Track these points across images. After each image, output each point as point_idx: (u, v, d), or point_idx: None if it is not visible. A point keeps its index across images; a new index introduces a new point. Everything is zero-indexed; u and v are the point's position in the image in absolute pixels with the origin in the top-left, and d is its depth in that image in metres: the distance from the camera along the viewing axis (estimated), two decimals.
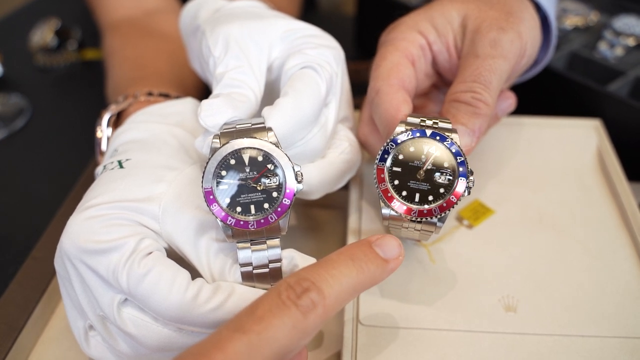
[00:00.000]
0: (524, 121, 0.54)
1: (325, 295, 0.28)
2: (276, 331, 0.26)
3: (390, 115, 0.40)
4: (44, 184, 0.61)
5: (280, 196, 0.34)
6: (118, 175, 0.38)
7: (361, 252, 0.31)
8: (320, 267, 0.29)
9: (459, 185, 0.36)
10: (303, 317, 0.27)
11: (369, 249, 0.31)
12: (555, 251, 0.43)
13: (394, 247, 0.32)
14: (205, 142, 0.37)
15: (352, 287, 0.29)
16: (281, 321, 0.26)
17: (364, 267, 0.30)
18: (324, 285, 0.28)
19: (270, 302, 0.27)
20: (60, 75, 0.78)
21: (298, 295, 0.27)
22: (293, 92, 0.37)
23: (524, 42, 0.43)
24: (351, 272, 0.29)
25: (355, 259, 0.30)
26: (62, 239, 0.35)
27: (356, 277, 0.30)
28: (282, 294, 0.28)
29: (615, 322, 0.38)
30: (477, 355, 0.37)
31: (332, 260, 0.30)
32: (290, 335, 0.26)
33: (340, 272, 0.29)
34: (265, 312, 0.27)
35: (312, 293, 0.28)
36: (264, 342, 0.26)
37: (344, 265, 0.30)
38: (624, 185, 0.47)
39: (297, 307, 0.27)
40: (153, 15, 0.67)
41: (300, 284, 0.28)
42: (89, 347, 0.37)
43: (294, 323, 0.27)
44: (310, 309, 0.27)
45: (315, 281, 0.28)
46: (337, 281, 0.29)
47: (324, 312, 0.28)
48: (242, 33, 0.40)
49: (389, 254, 0.32)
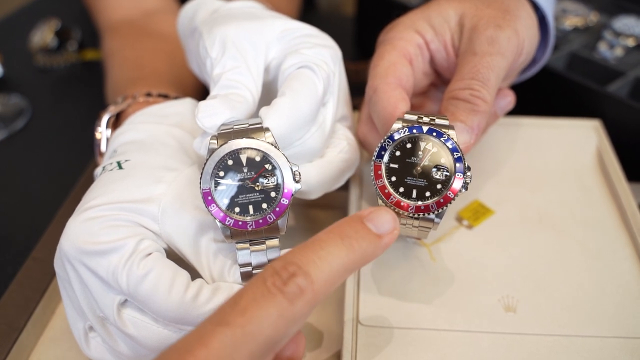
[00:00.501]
0: (524, 122, 0.54)
1: (313, 280, 0.26)
2: (261, 322, 0.25)
3: (388, 113, 0.40)
4: (44, 184, 0.61)
5: (278, 196, 0.34)
6: (117, 176, 0.38)
7: (351, 229, 0.29)
8: (307, 249, 0.27)
9: (455, 181, 0.36)
10: (290, 305, 0.25)
11: (360, 225, 0.29)
12: (555, 251, 0.43)
13: (387, 220, 0.30)
14: (203, 143, 0.37)
15: (343, 268, 0.28)
16: (266, 311, 0.25)
17: (354, 245, 0.28)
18: (312, 269, 0.26)
19: (255, 290, 0.26)
20: (60, 75, 0.78)
21: (284, 282, 0.26)
22: (290, 92, 0.37)
23: (521, 39, 0.43)
24: (341, 252, 0.27)
25: (345, 237, 0.28)
26: (62, 241, 0.35)
27: (346, 257, 0.28)
28: (267, 281, 0.26)
29: (615, 322, 0.38)
30: (476, 355, 0.37)
31: (320, 240, 0.28)
32: (276, 325, 0.25)
33: (329, 252, 0.27)
34: (249, 302, 0.25)
35: (298, 278, 0.26)
36: (248, 335, 0.24)
37: (333, 244, 0.28)
38: (624, 185, 0.47)
39: (283, 294, 0.25)
40: (152, 16, 0.67)
41: (286, 269, 0.26)
42: (89, 348, 0.37)
43: (280, 312, 0.25)
44: (298, 296, 0.26)
45: (302, 265, 0.26)
46: (326, 263, 0.27)
47: (312, 297, 0.26)
48: (239, 34, 0.40)
49: (382, 228, 0.29)
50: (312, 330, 0.42)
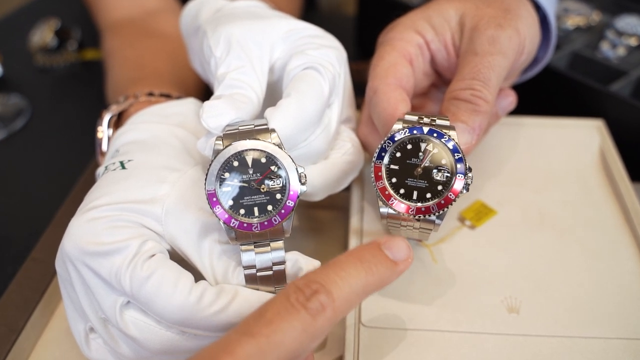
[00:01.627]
0: (526, 121, 0.54)
1: (334, 298, 0.28)
2: (285, 334, 0.26)
3: (388, 114, 0.40)
4: (43, 184, 0.61)
5: (283, 198, 0.34)
6: (120, 177, 0.38)
7: (370, 254, 0.30)
8: (329, 269, 0.29)
9: (456, 182, 0.36)
10: (312, 320, 0.27)
11: (378, 251, 0.31)
12: (558, 252, 0.43)
13: (403, 248, 0.32)
14: (207, 143, 0.37)
15: (361, 289, 0.29)
16: (290, 324, 0.26)
17: (373, 269, 0.30)
18: (333, 288, 0.28)
19: (279, 305, 0.27)
20: (60, 75, 0.78)
21: (307, 298, 0.27)
22: (296, 93, 0.37)
23: (522, 38, 0.43)
24: (360, 274, 0.29)
25: (364, 261, 0.30)
26: (64, 241, 0.35)
27: (365, 279, 0.29)
28: (290, 297, 0.27)
29: (618, 324, 0.38)
30: (480, 356, 0.37)
31: (341, 262, 0.30)
32: (299, 339, 0.26)
33: (349, 274, 0.29)
34: (274, 315, 0.27)
35: (321, 295, 0.27)
36: (273, 346, 0.26)
37: (353, 267, 0.29)
38: (627, 185, 0.47)
39: (306, 309, 0.27)
40: (153, 15, 0.67)
41: (309, 287, 0.28)
42: (89, 350, 0.37)
43: (303, 326, 0.26)
44: (320, 312, 0.27)
45: (325, 283, 0.28)
46: (346, 283, 0.28)
47: (333, 315, 0.28)
48: (243, 33, 0.40)
49: (398, 255, 0.31)
50: None
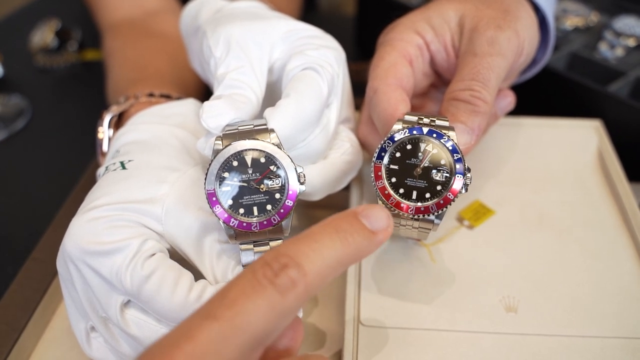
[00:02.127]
0: (525, 122, 0.54)
1: (306, 272, 0.25)
2: (251, 315, 0.24)
3: (388, 114, 0.40)
4: (44, 184, 0.61)
5: (283, 197, 0.34)
6: (120, 177, 0.38)
7: (346, 223, 0.28)
8: (300, 241, 0.26)
9: (455, 182, 0.36)
10: (281, 297, 0.24)
11: (355, 220, 0.28)
12: (555, 252, 0.43)
13: (381, 217, 0.29)
14: (207, 143, 0.37)
15: (337, 261, 0.27)
16: (255, 304, 0.24)
17: (349, 239, 0.27)
18: (305, 261, 0.25)
19: (244, 282, 0.25)
20: (61, 76, 0.78)
21: (275, 273, 0.25)
22: (295, 94, 0.37)
23: (522, 39, 0.43)
24: (335, 245, 0.27)
25: (340, 231, 0.27)
26: (65, 241, 0.35)
27: (341, 250, 0.27)
28: (257, 273, 0.25)
29: (616, 323, 0.38)
30: (478, 355, 0.37)
31: (314, 233, 0.27)
32: (266, 319, 0.24)
33: (323, 244, 0.26)
34: (238, 294, 0.24)
35: (291, 270, 0.25)
36: (237, 328, 0.24)
37: (328, 237, 0.27)
38: (625, 185, 0.47)
39: (274, 286, 0.24)
40: (153, 15, 0.67)
41: (277, 260, 0.25)
42: (90, 349, 0.37)
43: (270, 305, 0.24)
44: (289, 288, 0.25)
45: (295, 256, 0.25)
46: (319, 255, 0.26)
47: (305, 290, 0.25)
48: (243, 34, 0.40)
49: (377, 224, 0.28)
50: (313, 330, 0.42)
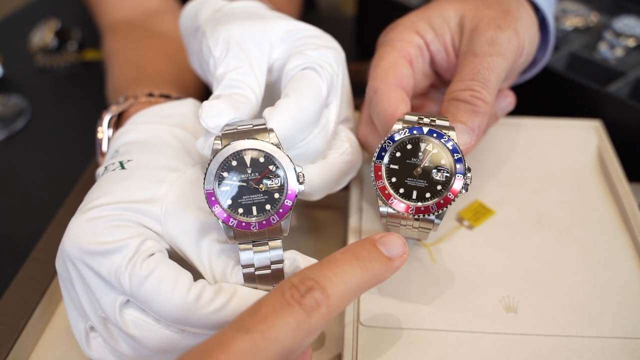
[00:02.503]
0: (525, 122, 0.54)
1: (329, 295, 0.28)
2: (280, 331, 0.26)
3: (388, 114, 0.40)
4: (44, 184, 0.61)
5: (282, 197, 0.34)
6: (120, 177, 0.38)
7: (365, 251, 0.30)
8: (323, 266, 0.29)
9: (456, 182, 0.36)
10: (307, 317, 0.27)
11: (373, 247, 0.31)
12: (555, 252, 0.43)
13: (398, 245, 0.32)
14: (206, 143, 0.37)
15: (356, 286, 0.29)
16: (285, 321, 0.26)
17: (368, 266, 0.30)
18: (328, 285, 0.28)
19: (274, 301, 0.27)
20: (60, 76, 0.78)
21: (302, 295, 0.27)
22: (294, 93, 0.37)
23: (522, 40, 0.44)
24: (355, 271, 0.29)
25: (360, 258, 0.30)
26: (64, 241, 0.35)
27: (360, 276, 0.29)
28: (285, 293, 0.27)
29: (615, 323, 0.38)
30: (477, 355, 0.37)
31: (336, 259, 0.30)
32: (294, 335, 0.26)
33: (344, 270, 0.29)
34: (268, 311, 0.27)
35: (315, 292, 0.27)
36: (267, 342, 0.26)
37: (348, 264, 0.29)
38: (624, 186, 0.47)
39: (300, 306, 0.27)
40: (153, 16, 0.67)
41: (304, 283, 0.28)
42: (90, 349, 0.37)
43: (297, 323, 0.26)
44: (314, 309, 0.27)
45: (319, 280, 0.28)
46: (341, 280, 0.28)
47: (327, 312, 0.27)
48: (242, 33, 0.40)
49: (393, 252, 0.31)
50: None
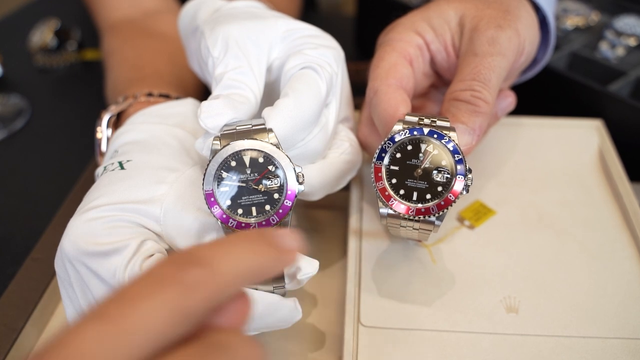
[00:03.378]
0: (525, 122, 0.54)
1: (215, 272, 0.24)
2: (149, 315, 0.21)
3: (389, 115, 0.40)
4: (43, 184, 0.61)
5: (281, 197, 0.34)
6: (119, 177, 0.38)
7: (258, 236, 0.27)
8: (211, 244, 0.25)
9: (456, 183, 0.36)
10: (185, 296, 0.22)
11: (265, 236, 0.27)
12: (556, 252, 0.43)
13: (292, 238, 0.28)
14: (205, 143, 0.37)
15: (246, 269, 0.25)
16: (155, 303, 0.22)
17: (259, 249, 0.26)
18: (215, 261, 0.24)
19: (146, 280, 0.22)
20: (60, 75, 0.78)
21: (181, 269, 0.23)
22: (293, 93, 0.37)
23: (522, 39, 0.43)
24: (246, 251, 0.26)
25: (252, 241, 0.26)
26: (63, 241, 0.35)
27: (251, 259, 0.26)
28: (163, 270, 0.23)
29: (616, 323, 0.38)
30: (478, 356, 0.37)
31: (226, 239, 0.26)
32: (168, 318, 0.22)
33: (233, 250, 0.25)
34: (137, 292, 0.22)
35: (198, 268, 0.23)
36: (130, 329, 0.21)
37: (240, 244, 0.26)
38: (626, 185, 0.47)
39: (178, 284, 0.22)
40: (152, 15, 0.67)
41: (185, 259, 0.23)
42: None
43: (173, 304, 0.22)
44: (196, 287, 0.23)
45: (204, 256, 0.24)
46: (230, 257, 0.25)
47: (213, 290, 0.23)
48: (241, 33, 0.40)
49: (286, 244, 0.28)
50: (313, 331, 0.42)
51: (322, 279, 0.45)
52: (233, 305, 0.25)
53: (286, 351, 0.41)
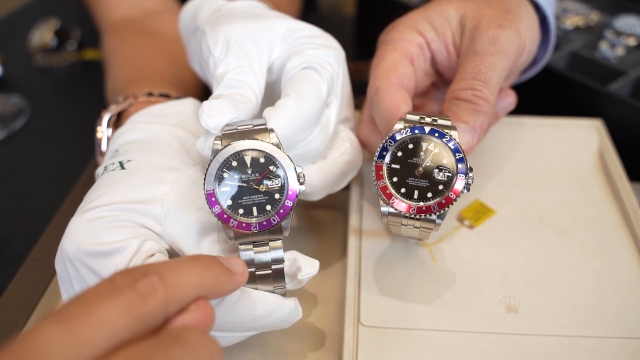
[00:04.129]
0: (525, 121, 0.54)
1: (167, 283, 0.25)
2: (104, 317, 0.23)
3: (390, 113, 0.40)
4: (43, 184, 0.61)
5: (282, 198, 0.34)
6: (119, 177, 0.38)
7: (207, 257, 0.30)
8: (163, 262, 0.27)
9: (457, 182, 0.36)
10: (140, 302, 0.24)
11: (215, 259, 0.30)
12: (556, 251, 0.43)
13: (238, 263, 0.31)
14: (206, 143, 0.37)
15: (198, 283, 0.27)
16: (110, 306, 0.23)
17: (209, 267, 0.29)
18: (167, 273, 0.26)
19: (102, 287, 0.24)
20: (60, 75, 0.78)
21: (136, 279, 0.25)
22: (294, 93, 0.37)
23: (523, 38, 0.43)
24: (196, 268, 0.28)
25: (202, 261, 0.29)
26: (64, 241, 0.35)
27: (201, 274, 0.28)
28: (116, 279, 0.25)
29: (616, 323, 0.38)
30: (478, 355, 0.37)
31: (177, 259, 0.28)
32: (121, 322, 0.23)
33: (185, 266, 0.27)
34: (93, 296, 0.24)
35: (152, 277, 0.25)
36: (86, 329, 0.23)
37: (190, 262, 0.28)
38: (626, 185, 0.47)
39: (133, 290, 0.24)
40: (152, 15, 0.67)
41: (139, 270, 0.26)
42: None
43: (127, 308, 0.24)
44: (149, 294, 0.25)
45: (157, 269, 0.26)
46: (181, 271, 0.27)
47: (164, 300, 0.25)
48: (242, 33, 0.40)
49: (233, 267, 0.30)
50: (313, 330, 0.42)
51: (322, 279, 0.45)
52: (192, 312, 0.27)
53: (286, 351, 0.41)
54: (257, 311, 0.34)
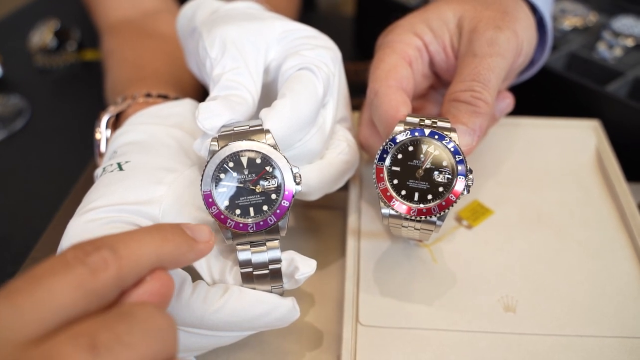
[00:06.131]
0: (523, 122, 0.54)
1: (120, 256, 0.25)
2: (53, 291, 0.23)
3: (390, 116, 0.40)
4: (43, 184, 0.61)
5: (279, 198, 0.35)
6: (118, 178, 0.38)
7: (168, 226, 0.29)
8: (119, 234, 0.26)
9: (457, 184, 0.36)
10: (90, 276, 0.24)
11: (178, 227, 0.29)
12: (554, 251, 0.43)
13: (204, 231, 0.30)
14: (203, 144, 0.37)
15: (155, 254, 0.27)
16: (60, 280, 0.23)
17: (169, 237, 0.28)
18: (121, 245, 0.25)
19: (53, 262, 0.24)
20: (60, 76, 0.78)
21: (87, 254, 0.24)
22: (290, 94, 0.37)
23: (520, 40, 0.44)
24: (154, 238, 0.27)
25: (162, 229, 0.28)
26: (63, 242, 0.35)
27: (160, 245, 0.27)
28: (67, 254, 0.24)
29: (614, 322, 0.38)
30: (476, 355, 0.37)
31: (135, 230, 0.27)
32: (73, 295, 0.23)
33: (142, 236, 0.26)
34: (43, 273, 0.23)
35: (104, 251, 0.25)
36: (36, 304, 0.22)
37: (148, 232, 0.27)
38: (623, 185, 0.47)
39: (84, 265, 0.24)
40: (151, 16, 0.67)
41: (91, 244, 0.25)
42: None
43: (78, 282, 0.23)
44: (100, 268, 0.24)
45: (110, 242, 0.25)
46: (136, 243, 0.26)
47: (118, 273, 0.24)
48: (239, 34, 0.40)
49: (198, 235, 0.30)
50: (311, 329, 0.42)
51: (321, 279, 0.46)
52: (147, 284, 0.26)
53: (284, 350, 0.41)
54: (255, 311, 0.34)
